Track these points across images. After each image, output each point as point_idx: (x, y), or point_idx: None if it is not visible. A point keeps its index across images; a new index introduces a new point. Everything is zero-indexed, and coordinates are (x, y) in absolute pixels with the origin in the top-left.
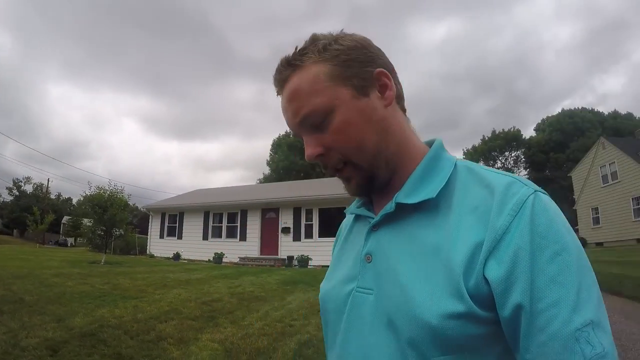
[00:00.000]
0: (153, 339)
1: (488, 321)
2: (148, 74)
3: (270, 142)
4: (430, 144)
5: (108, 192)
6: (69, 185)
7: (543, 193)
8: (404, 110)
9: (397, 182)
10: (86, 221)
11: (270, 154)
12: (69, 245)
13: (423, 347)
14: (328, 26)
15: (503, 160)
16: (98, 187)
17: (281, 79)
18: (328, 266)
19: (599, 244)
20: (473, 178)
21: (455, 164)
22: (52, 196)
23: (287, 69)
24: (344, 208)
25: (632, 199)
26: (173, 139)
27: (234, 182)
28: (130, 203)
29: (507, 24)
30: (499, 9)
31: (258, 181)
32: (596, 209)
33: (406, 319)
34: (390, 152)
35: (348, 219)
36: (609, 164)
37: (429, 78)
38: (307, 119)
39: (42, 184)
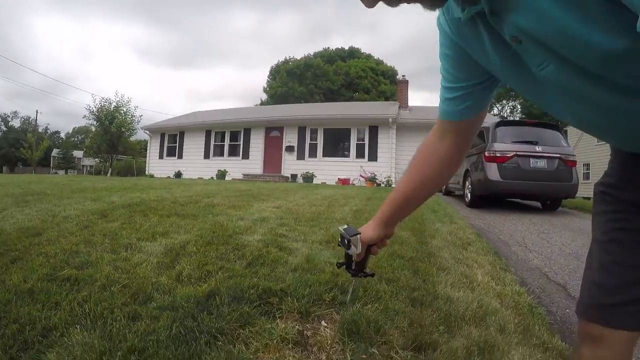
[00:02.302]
0: (206, 205)
1: None
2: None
3: (267, 71)
4: None
5: (114, 104)
6: (56, 119)
7: None
8: None
9: None
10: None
11: (268, 80)
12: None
13: (614, 70)
14: None
15: (500, 108)
16: (103, 98)
17: None
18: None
19: (587, 199)
20: None
21: None
22: (40, 129)
23: None
24: (349, 130)
25: None
26: (166, 68)
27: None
28: (137, 114)
29: None
30: None
31: (256, 105)
32: (587, 165)
33: (585, 55)
34: None
35: (446, 34)
36: None
37: (432, 19)
38: None
39: (30, 117)
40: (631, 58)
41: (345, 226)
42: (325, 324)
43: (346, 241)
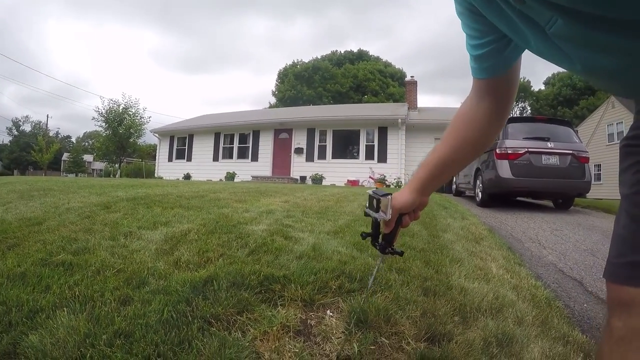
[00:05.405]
0: (211, 199)
1: None
2: (157, 6)
3: (275, 74)
4: None
5: (122, 105)
6: (68, 124)
7: None
8: None
9: None
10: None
11: (276, 84)
12: None
13: None
14: None
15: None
16: (111, 100)
17: None
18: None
19: (598, 199)
20: None
21: None
22: (51, 134)
23: None
24: (358, 131)
25: None
26: (178, 72)
27: None
28: (146, 116)
29: None
30: None
31: (265, 108)
32: (599, 165)
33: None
34: None
35: None
36: (617, 123)
37: (448, 25)
38: None
39: (41, 122)
40: None
41: (375, 188)
42: (331, 313)
43: (375, 202)
